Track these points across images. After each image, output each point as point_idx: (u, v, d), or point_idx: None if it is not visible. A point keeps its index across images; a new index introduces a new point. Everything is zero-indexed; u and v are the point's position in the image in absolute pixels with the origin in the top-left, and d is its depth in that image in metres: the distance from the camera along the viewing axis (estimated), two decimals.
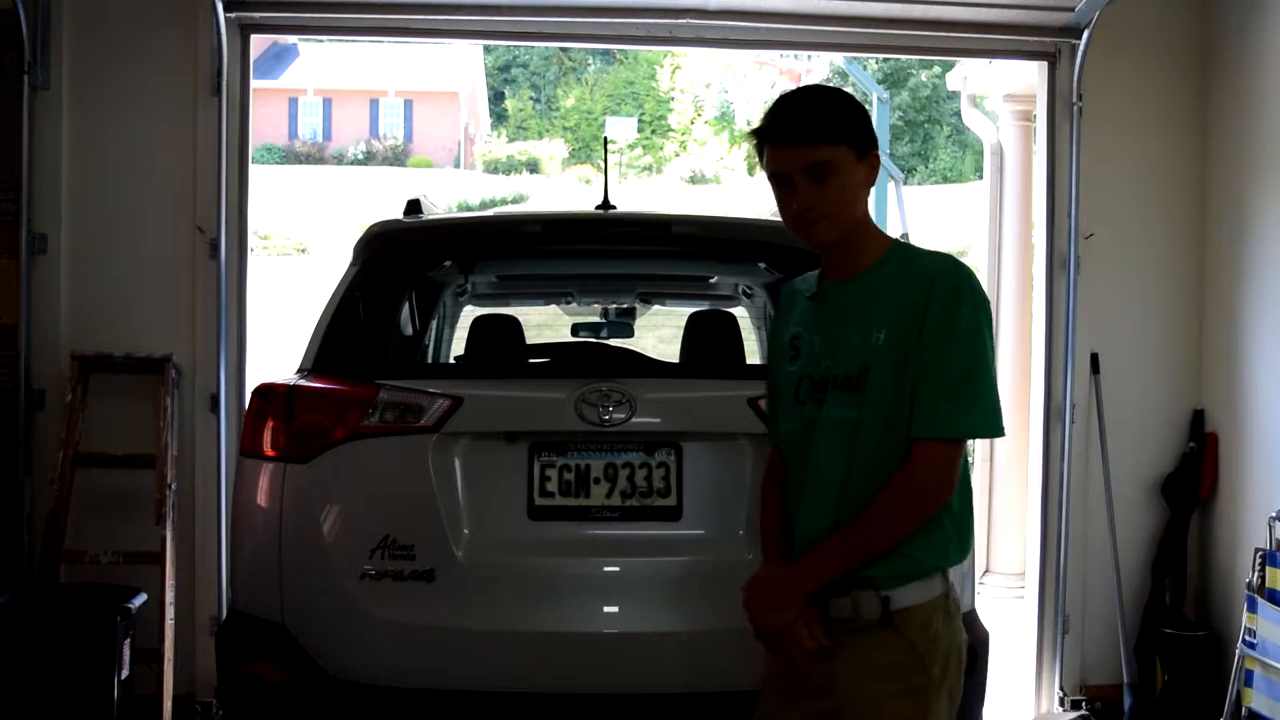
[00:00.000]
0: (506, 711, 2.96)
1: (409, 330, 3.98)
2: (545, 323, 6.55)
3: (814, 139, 2.26)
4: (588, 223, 3.70)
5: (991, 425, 2.29)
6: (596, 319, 5.59)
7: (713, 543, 3.04)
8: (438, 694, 2.96)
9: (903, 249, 2.40)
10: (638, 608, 3.01)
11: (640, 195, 28.41)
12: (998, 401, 2.30)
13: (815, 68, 12.27)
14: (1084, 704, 5.10)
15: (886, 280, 2.33)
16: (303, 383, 3.14)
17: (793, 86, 2.72)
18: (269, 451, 3.05)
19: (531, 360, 3.63)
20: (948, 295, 2.26)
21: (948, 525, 2.32)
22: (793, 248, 3.52)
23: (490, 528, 3.01)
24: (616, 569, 3.07)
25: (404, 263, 3.62)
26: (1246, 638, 4.38)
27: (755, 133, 2.36)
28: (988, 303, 2.32)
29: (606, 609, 3.02)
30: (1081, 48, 5.09)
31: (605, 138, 5.06)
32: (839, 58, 11.95)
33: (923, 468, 2.25)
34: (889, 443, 2.27)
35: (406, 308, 3.88)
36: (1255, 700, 4.32)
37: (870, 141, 2.34)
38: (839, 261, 2.38)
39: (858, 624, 2.29)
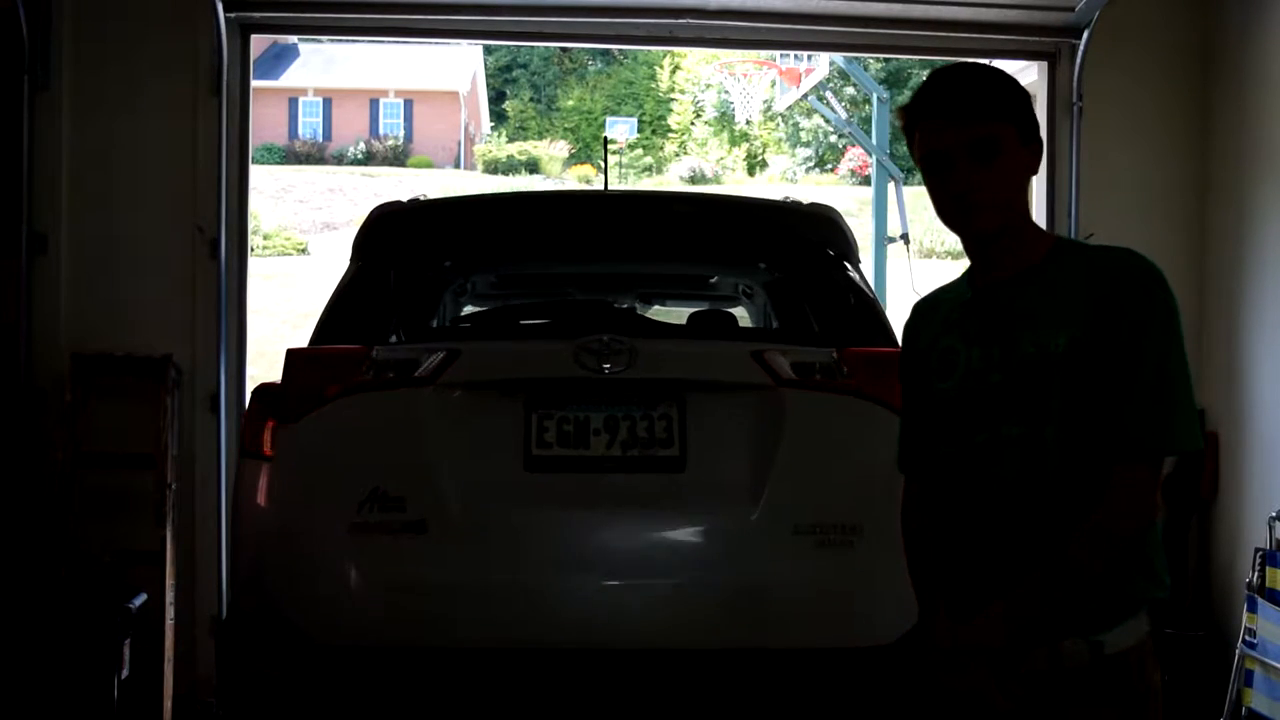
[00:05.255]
0: (502, 666, 2.83)
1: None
2: None
3: (981, 115, 1.99)
4: (591, 199, 3.63)
5: (1191, 437, 1.96)
6: None
7: (717, 494, 2.92)
8: (430, 651, 2.82)
9: (1070, 245, 2.11)
10: (638, 559, 2.90)
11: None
12: (1195, 410, 1.98)
13: (815, 68, 12.22)
14: None
15: (1059, 278, 2.01)
16: (296, 346, 3.10)
17: (792, 87, 2.70)
18: (268, 452, 3.02)
19: (532, 321, 3.53)
20: (1139, 294, 1.95)
21: (1154, 552, 2.00)
22: (794, 234, 3.46)
23: (484, 478, 2.90)
24: (617, 519, 2.94)
25: (405, 253, 3.56)
26: (1246, 638, 4.38)
27: (909, 108, 2.07)
28: (1176, 300, 1.99)
29: (606, 560, 2.90)
30: (1081, 48, 5.09)
31: (605, 138, 5.09)
32: (839, 57, 11.93)
33: (1126, 493, 1.92)
34: (1078, 463, 1.95)
35: (406, 300, 3.85)
36: (1255, 700, 4.32)
37: (1034, 127, 2.06)
38: (995, 259, 2.07)
39: (1059, 676, 1.95)
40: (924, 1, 5.09)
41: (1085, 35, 5.06)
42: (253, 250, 5.20)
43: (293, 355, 3.07)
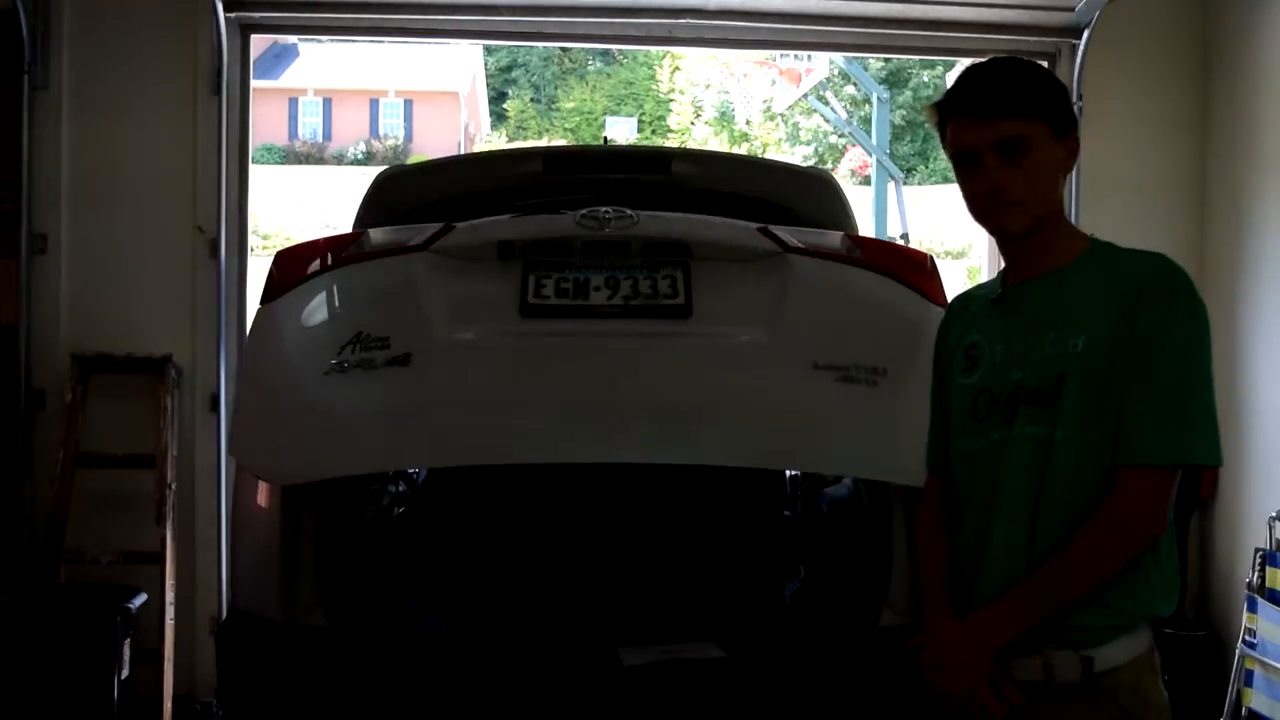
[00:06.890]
0: (491, 487, 2.74)
1: None
2: None
3: (1007, 112, 1.98)
4: (590, 154, 3.55)
5: (1208, 450, 1.94)
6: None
7: (729, 331, 2.80)
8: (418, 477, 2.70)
9: (1104, 247, 2.08)
10: (641, 384, 2.75)
11: None
12: (1215, 423, 1.95)
13: (815, 68, 12.24)
14: None
15: (1086, 280, 2.01)
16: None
17: (792, 87, 2.69)
18: None
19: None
20: (1162, 298, 1.95)
21: (1156, 567, 1.97)
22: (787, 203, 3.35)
23: (477, 320, 2.80)
24: (617, 347, 2.79)
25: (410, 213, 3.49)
26: (1246, 638, 4.38)
27: (939, 105, 2.08)
28: (1206, 309, 2.00)
29: (602, 385, 2.74)
30: (1081, 48, 5.09)
31: (605, 138, 5.06)
32: (839, 57, 11.93)
33: (1130, 498, 1.91)
34: (1088, 467, 1.94)
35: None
36: (1255, 700, 4.32)
37: (1070, 122, 2.05)
38: (1027, 258, 2.08)
39: (1050, 688, 1.93)
40: (924, 1, 5.09)
41: (1085, 35, 5.07)
42: (253, 250, 5.20)
43: (280, 253, 3.01)
